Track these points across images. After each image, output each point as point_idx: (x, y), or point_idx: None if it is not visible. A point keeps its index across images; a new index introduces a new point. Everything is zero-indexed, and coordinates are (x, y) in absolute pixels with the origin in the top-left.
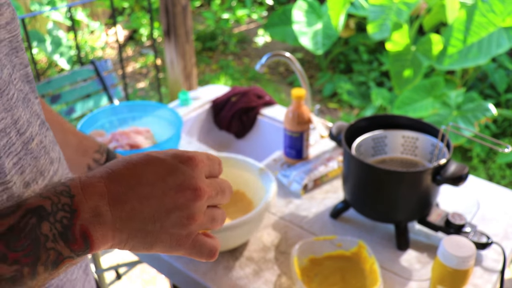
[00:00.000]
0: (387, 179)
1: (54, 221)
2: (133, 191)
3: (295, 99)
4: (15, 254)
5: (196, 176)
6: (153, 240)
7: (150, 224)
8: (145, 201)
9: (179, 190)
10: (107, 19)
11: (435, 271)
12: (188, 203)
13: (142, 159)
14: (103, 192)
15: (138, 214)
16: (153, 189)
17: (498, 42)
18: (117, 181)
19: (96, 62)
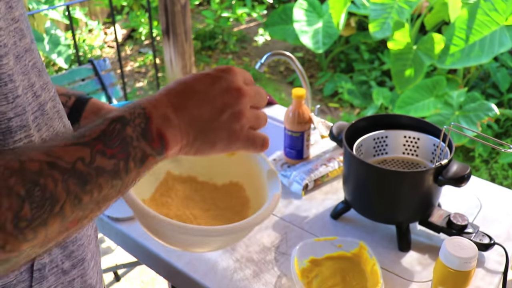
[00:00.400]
0: (388, 180)
1: (135, 126)
2: (190, 100)
3: (296, 98)
4: (111, 150)
5: (236, 80)
6: (214, 137)
7: (208, 124)
8: (200, 106)
9: (225, 92)
10: (106, 18)
11: (436, 273)
12: (235, 101)
13: (190, 77)
14: (167, 104)
15: (197, 117)
16: (205, 95)
17: (500, 41)
18: (175, 95)
19: (95, 61)
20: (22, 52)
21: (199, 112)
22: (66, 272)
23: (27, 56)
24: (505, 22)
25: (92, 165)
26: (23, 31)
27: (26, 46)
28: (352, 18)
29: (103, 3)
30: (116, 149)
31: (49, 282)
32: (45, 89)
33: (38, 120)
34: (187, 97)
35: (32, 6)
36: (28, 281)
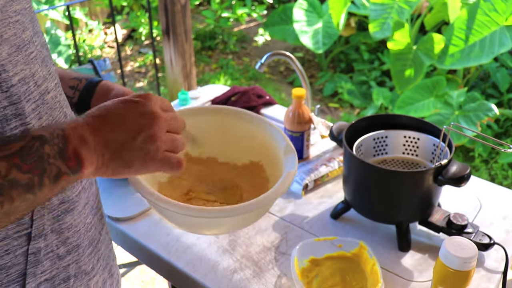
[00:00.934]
0: (388, 180)
1: (53, 145)
2: (106, 123)
3: (296, 98)
4: (27, 165)
5: (151, 105)
6: (128, 159)
7: (122, 146)
8: (116, 129)
9: (140, 116)
10: (106, 18)
11: (436, 272)
12: (149, 124)
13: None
14: (85, 126)
15: (112, 139)
16: (120, 118)
17: (500, 41)
18: (93, 118)
19: (95, 61)
20: (23, 43)
21: (114, 134)
22: (61, 257)
23: (29, 47)
24: (505, 23)
25: (7, 178)
26: (24, 24)
27: (28, 38)
28: (352, 18)
29: (103, 3)
30: (32, 164)
31: (44, 267)
32: (48, 79)
33: (39, 108)
34: (104, 120)
35: (32, 6)
36: (23, 264)
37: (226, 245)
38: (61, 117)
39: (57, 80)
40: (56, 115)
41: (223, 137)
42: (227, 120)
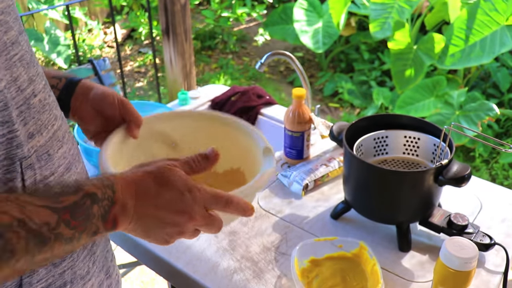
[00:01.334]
0: (388, 180)
1: (101, 206)
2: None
3: (296, 98)
4: (75, 222)
5: (196, 208)
6: (150, 235)
7: (152, 227)
8: (155, 214)
9: (179, 213)
10: (105, 17)
11: (437, 273)
12: (182, 224)
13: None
14: (132, 195)
15: (148, 219)
16: (164, 206)
17: (501, 41)
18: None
19: (94, 61)
20: (6, 45)
21: (152, 217)
22: (57, 264)
23: (12, 48)
24: (506, 22)
25: (55, 231)
26: (8, 23)
27: (12, 39)
28: (352, 18)
29: (103, 3)
30: (78, 222)
31: (40, 275)
32: (33, 81)
33: (24, 114)
34: (149, 197)
35: (32, 6)
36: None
37: (226, 246)
38: (51, 120)
39: (45, 81)
40: (45, 118)
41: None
42: (208, 124)
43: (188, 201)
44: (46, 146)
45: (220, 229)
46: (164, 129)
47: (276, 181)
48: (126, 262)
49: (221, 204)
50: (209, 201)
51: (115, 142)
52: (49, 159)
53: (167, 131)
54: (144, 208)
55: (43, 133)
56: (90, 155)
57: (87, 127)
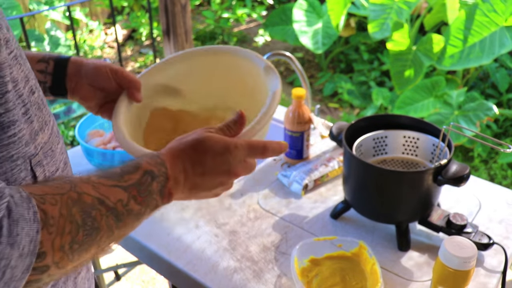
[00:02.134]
0: (388, 180)
1: (158, 182)
2: (197, 171)
3: (295, 99)
4: (141, 197)
5: (236, 164)
6: (200, 197)
7: (202, 192)
8: (204, 178)
9: (224, 173)
10: (106, 18)
11: (436, 272)
12: (228, 181)
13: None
14: (181, 168)
15: (197, 186)
16: (211, 170)
17: (501, 41)
18: (189, 162)
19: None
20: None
21: (201, 183)
22: None
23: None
24: (505, 23)
25: (127, 207)
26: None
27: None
28: (352, 19)
29: (104, 4)
30: (144, 197)
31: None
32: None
33: (29, 112)
34: (196, 167)
35: (33, 7)
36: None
37: (226, 245)
38: (48, 115)
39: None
40: (44, 115)
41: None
42: (202, 60)
43: (229, 161)
44: (49, 142)
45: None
46: (163, 79)
47: (276, 181)
48: (127, 261)
49: (258, 154)
50: (247, 154)
51: (121, 112)
52: (53, 155)
53: (167, 81)
54: (193, 178)
55: (45, 130)
56: (91, 155)
57: (89, 105)
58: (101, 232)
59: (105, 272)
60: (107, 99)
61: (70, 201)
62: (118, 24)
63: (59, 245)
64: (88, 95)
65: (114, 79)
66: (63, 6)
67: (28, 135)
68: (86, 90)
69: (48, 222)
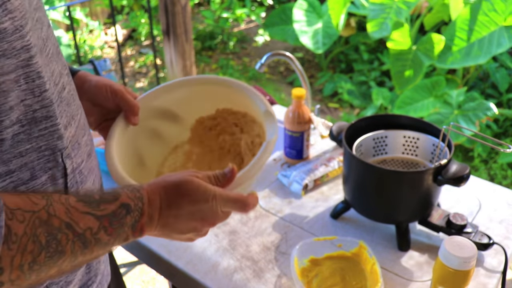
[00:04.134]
0: (388, 179)
1: (133, 216)
2: (172, 212)
3: (295, 98)
4: (111, 229)
5: (212, 215)
6: (172, 238)
7: (174, 234)
8: (177, 220)
9: (200, 220)
10: (106, 18)
11: (436, 272)
12: (202, 229)
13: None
14: (158, 206)
15: (170, 226)
16: (185, 214)
17: (498, 41)
18: (166, 202)
19: (95, 61)
20: (44, 42)
21: (174, 223)
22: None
23: (47, 44)
24: (504, 23)
25: (95, 236)
26: (41, 19)
27: (48, 34)
28: (352, 19)
29: (104, 4)
30: (115, 229)
31: None
32: (63, 74)
33: (60, 108)
34: (172, 208)
35: None
36: None
37: (226, 245)
38: (76, 110)
39: (67, 68)
40: (72, 110)
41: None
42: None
43: (204, 211)
44: (76, 135)
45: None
46: (162, 104)
47: (276, 181)
48: (127, 261)
49: (236, 209)
50: (225, 206)
51: (116, 135)
52: (79, 148)
53: (165, 105)
54: (167, 218)
55: (72, 124)
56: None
57: (88, 120)
58: (64, 256)
59: None
60: (106, 117)
61: (37, 221)
62: (118, 24)
63: (18, 263)
64: (87, 110)
65: (113, 99)
66: (63, 6)
67: (62, 129)
68: (86, 105)
69: (10, 239)
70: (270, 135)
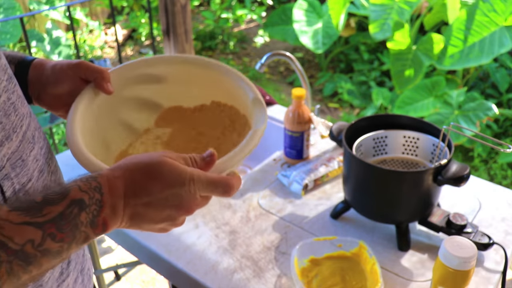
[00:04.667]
0: (388, 179)
1: (89, 212)
2: (140, 199)
3: (295, 98)
4: (62, 234)
5: (189, 200)
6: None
7: (145, 223)
8: (148, 208)
9: (175, 207)
10: (106, 18)
11: (436, 272)
12: (178, 217)
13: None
14: (121, 193)
15: (140, 216)
16: (157, 201)
17: (500, 41)
18: (131, 187)
19: (95, 61)
20: None
21: (144, 212)
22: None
23: None
24: (505, 23)
25: (40, 248)
26: None
27: None
28: (352, 19)
29: (104, 4)
30: (66, 233)
31: None
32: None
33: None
34: (140, 194)
35: (33, 7)
36: None
37: (226, 245)
38: (19, 120)
39: (8, 74)
40: (12, 122)
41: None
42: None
43: (181, 195)
44: (18, 151)
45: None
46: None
47: (276, 181)
48: (127, 261)
49: (218, 192)
50: (205, 190)
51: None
52: (24, 165)
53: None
54: (135, 207)
55: (13, 138)
56: None
57: (59, 113)
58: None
59: (105, 272)
60: None
61: None
62: (118, 24)
63: None
64: (54, 104)
65: (76, 75)
66: (63, 6)
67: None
68: (51, 98)
69: None
70: (259, 124)
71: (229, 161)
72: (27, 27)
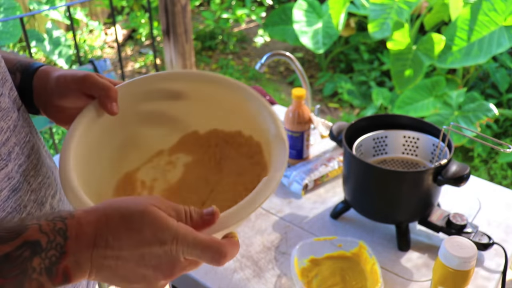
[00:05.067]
0: (388, 179)
1: (45, 258)
2: (112, 251)
3: (295, 98)
4: (3, 280)
5: (173, 262)
6: (115, 284)
7: (117, 279)
8: (118, 264)
9: (152, 268)
10: (106, 18)
11: (436, 272)
12: (155, 281)
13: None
14: (89, 244)
15: (109, 269)
16: (130, 257)
17: (498, 41)
18: (104, 237)
19: (95, 61)
20: None
21: (115, 268)
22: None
23: None
24: (504, 23)
25: None
26: None
27: None
28: (352, 19)
29: (104, 4)
30: (10, 279)
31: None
32: None
33: None
34: (112, 246)
35: (33, 7)
36: None
37: None
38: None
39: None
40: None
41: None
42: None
43: (160, 256)
44: None
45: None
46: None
47: None
48: None
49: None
50: (190, 253)
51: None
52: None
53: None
54: (104, 260)
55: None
56: None
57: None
58: None
59: None
60: None
61: None
62: (118, 24)
63: None
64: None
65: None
66: (63, 6)
67: None
68: (55, 110)
69: None
70: (277, 168)
71: (229, 219)
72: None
